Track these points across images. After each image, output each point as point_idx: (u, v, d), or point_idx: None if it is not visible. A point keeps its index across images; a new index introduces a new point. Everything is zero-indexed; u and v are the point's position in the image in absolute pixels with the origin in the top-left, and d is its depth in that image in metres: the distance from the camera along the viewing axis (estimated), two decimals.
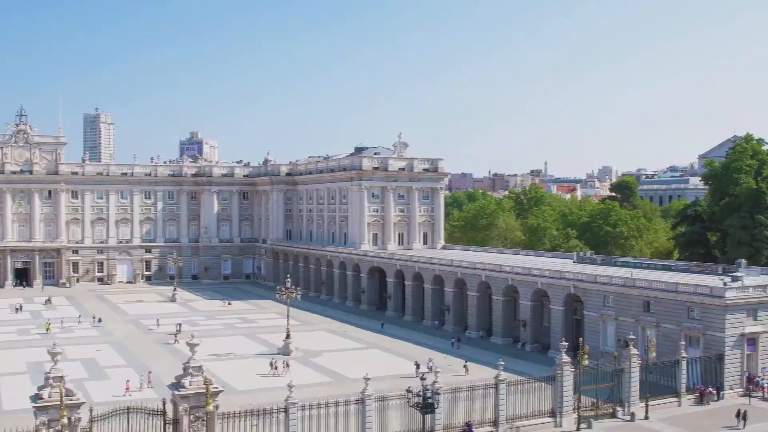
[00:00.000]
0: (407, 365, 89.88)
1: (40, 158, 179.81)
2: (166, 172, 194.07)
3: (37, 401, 48.98)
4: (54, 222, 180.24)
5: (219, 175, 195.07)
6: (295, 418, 55.34)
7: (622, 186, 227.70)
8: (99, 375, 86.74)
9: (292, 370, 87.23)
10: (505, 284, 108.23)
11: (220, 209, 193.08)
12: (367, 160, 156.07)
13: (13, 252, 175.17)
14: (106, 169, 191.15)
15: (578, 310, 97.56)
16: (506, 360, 73.47)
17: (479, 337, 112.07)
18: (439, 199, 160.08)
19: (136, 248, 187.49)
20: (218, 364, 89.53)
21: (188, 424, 52.47)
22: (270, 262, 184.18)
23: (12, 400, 72.93)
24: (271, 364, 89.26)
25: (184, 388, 52.67)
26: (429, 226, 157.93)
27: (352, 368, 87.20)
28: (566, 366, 64.58)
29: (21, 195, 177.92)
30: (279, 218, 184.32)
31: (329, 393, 71.76)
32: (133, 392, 75.99)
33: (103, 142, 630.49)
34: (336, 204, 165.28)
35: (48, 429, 48.57)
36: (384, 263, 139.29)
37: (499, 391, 62.55)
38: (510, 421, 63.06)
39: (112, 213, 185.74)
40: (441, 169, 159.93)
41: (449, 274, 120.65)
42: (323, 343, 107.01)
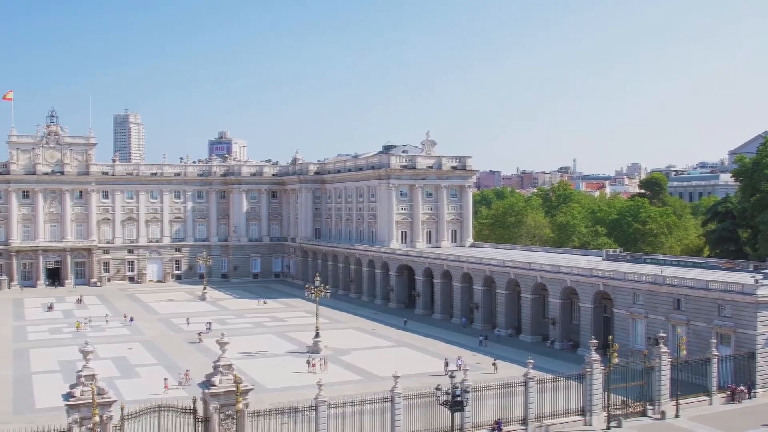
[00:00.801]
0: (436, 363, 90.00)
1: (71, 159, 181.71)
2: (196, 171, 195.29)
3: (70, 399, 49.53)
4: (85, 222, 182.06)
5: (248, 175, 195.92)
6: (325, 416, 55.53)
7: (651, 183, 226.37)
8: (130, 373, 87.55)
9: (321, 369, 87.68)
10: (534, 282, 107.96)
11: (249, 208, 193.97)
12: (395, 159, 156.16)
13: (45, 252, 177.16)
14: (136, 169, 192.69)
15: (608, 307, 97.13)
16: (535, 358, 73.34)
17: (508, 335, 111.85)
18: (467, 197, 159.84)
19: (166, 247, 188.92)
20: (248, 362, 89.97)
21: (218, 422, 52.83)
22: (299, 261, 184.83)
23: (45, 398, 73.79)
24: (308, 361, 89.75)
25: (214, 387, 53.03)
26: (457, 224, 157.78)
27: (381, 366, 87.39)
28: (596, 364, 64.28)
29: (52, 195, 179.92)
30: (308, 217, 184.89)
31: (358, 391, 71.93)
32: (170, 390, 76.61)
33: (133, 142, 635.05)
34: (364, 202, 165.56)
35: (80, 427, 49.10)
36: (412, 261, 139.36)
37: (529, 389, 62.39)
38: (539, 419, 62.90)
39: (142, 213, 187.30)
40: (469, 166, 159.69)
41: (478, 272, 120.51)
42: (352, 342, 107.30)
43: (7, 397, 76.24)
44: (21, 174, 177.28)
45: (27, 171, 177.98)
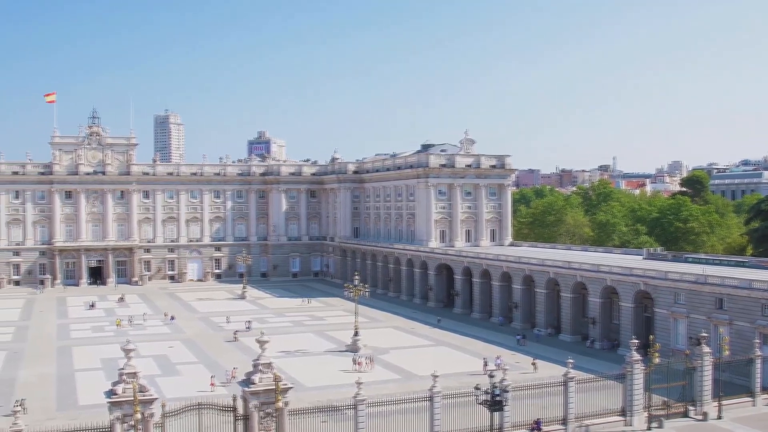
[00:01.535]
0: (475, 362, 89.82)
1: (112, 159, 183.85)
2: (235, 171, 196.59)
3: (112, 397, 50.10)
4: (126, 221, 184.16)
5: (287, 174, 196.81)
6: (364, 414, 55.61)
7: (692, 181, 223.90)
8: (171, 371, 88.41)
9: (367, 367, 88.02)
10: (574, 281, 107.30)
11: (288, 208, 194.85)
12: (433, 158, 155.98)
13: (87, 251, 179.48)
14: (176, 169, 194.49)
15: (648, 307, 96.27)
16: (575, 357, 72.83)
17: (547, 335, 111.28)
18: (506, 196, 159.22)
19: (207, 247, 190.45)
20: (287, 361, 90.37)
21: (258, 420, 53.11)
22: (338, 260, 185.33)
23: (87, 395, 74.77)
24: (354, 360, 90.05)
25: (254, 385, 53.32)
26: (496, 223, 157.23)
27: (420, 365, 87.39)
28: (636, 364, 63.67)
29: (94, 195, 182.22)
30: (346, 216, 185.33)
31: (397, 390, 72.10)
32: (217, 387, 77.25)
33: (173, 142, 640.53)
34: (403, 201, 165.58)
35: (122, 424, 49.65)
36: (451, 260, 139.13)
37: (568, 388, 61.99)
38: (579, 419, 62.47)
39: (182, 212, 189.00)
40: (508, 165, 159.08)
41: (517, 271, 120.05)
42: (391, 341, 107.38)
43: (51, 394, 77.35)
44: (64, 174, 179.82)
45: (69, 171, 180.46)
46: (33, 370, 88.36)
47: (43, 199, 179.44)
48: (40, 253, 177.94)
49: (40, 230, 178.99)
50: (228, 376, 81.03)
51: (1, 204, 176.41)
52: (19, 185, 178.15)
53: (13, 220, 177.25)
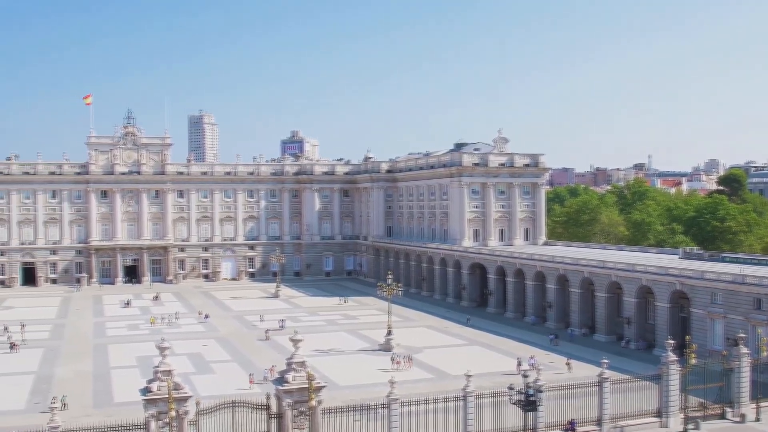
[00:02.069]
0: (508, 362, 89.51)
1: (147, 159, 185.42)
2: (269, 170, 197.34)
3: (147, 394, 50.50)
4: (161, 221, 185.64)
5: (320, 174, 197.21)
6: (397, 413, 55.56)
7: (730, 179, 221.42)
8: (205, 369, 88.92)
9: (406, 366, 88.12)
10: (609, 281, 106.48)
11: (321, 207, 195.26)
12: (467, 157, 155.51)
13: (122, 250, 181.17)
14: (210, 168, 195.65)
15: (685, 307, 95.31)
16: (610, 358, 72.37)
17: (582, 335, 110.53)
18: (540, 195, 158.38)
19: (240, 246, 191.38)
20: (321, 359, 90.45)
21: (292, 418, 53.25)
22: (371, 259, 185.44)
23: (123, 392, 75.49)
24: (393, 359, 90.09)
25: (287, 383, 53.47)
26: (530, 222, 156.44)
27: (453, 365, 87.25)
28: (672, 364, 63.06)
29: (130, 195, 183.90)
30: (379, 215, 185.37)
31: (430, 389, 71.98)
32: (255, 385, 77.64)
33: (207, 142, 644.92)
34: (436, 200, 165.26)
35: (157, 421, 50.03)
36: (485, 259, 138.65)
37: (603, 389, 61.51)
38: (614, 420, 61.96)
39: (216, 211, 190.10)
40: (542, 164, 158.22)
41: (551, 271, 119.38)
42: (424, 340, 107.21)
43: (88, 391, 78.13)
44: (100, 174, 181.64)
45: (105, 171, 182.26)
46: (70, 368, 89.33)
47: (79, 199, 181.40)
48: (77, 252, 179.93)
49: (77, 229, 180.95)
50: (266, 374, 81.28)
51: (39, 204, 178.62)
52: (56, 185, 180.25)
53: (51, 220, 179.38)
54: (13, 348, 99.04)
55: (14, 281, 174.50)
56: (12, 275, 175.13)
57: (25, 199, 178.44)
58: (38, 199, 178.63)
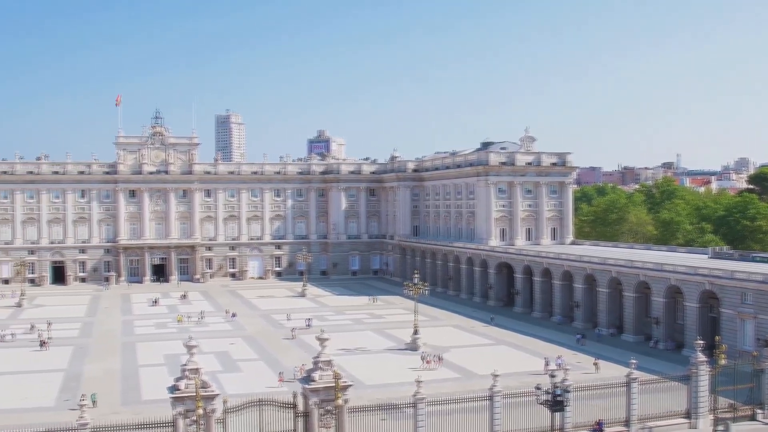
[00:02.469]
0: (535, 362, 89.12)
1: (175, 159, 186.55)
2: (295, 170, 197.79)
3: (174, 392, 50.80)
4: (188, 220, 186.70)
5: (346, 173, 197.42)
6: (424, 413, 55.50)
7: (760, 177, 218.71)
8: (232, 368, 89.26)
9: (436, 365, 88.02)
10: (637, 280, 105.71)
11: (347, 206, 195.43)
12: (493, 155, 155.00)
13: (150, 249, 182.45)
14: (237, 168, 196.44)
15: (714, 307, 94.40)
16: (638, 358, 71.87)
17: (609, 335, 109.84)
18: (567, 194, 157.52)
19: (267, 245, 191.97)
20: (347, 358, 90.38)
21: (318, 417, 53.34)
22: (397, 258, 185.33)
23: (151, 390, 75.99)
24: (423, 357, 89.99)
25: (314, 382, 53.56)
26: (557, 221, 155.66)
27: (480, 364, 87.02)
28: (702, 365, 62.49)
29: (158, 194, 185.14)
30: (406, 214, 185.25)
31: (457, 389, 71.88)
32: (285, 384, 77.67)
33: (234, 141, 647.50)
34: (463, 199, 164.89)
35: (185, 419, 50.31)
36: (512, 259, 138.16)
37: (631, 389, 61.09)
38: (642, 421, 61.50)
39: (243, 211, 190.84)
40: (569, 163, 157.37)
41: (578, 270, 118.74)
42: (451, 339, 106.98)
43: (116, 389, 78.67)
44: (128, 174, 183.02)
45: (134, 171, 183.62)
46: (98, 365, 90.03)
47: (108, 198, 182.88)
48: (105, 250, 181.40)
49: (105, 228, 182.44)
50: (296, 373, 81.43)
51: (68, 203, 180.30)
52: (85, 184, 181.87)
53: (80, 219, 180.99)
54: (43, 345, 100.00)
55: (44, 280, 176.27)
56: (42, 274, 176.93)
57: (54, 199, 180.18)
58: (68, 199, 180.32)
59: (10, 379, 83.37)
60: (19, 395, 75.58)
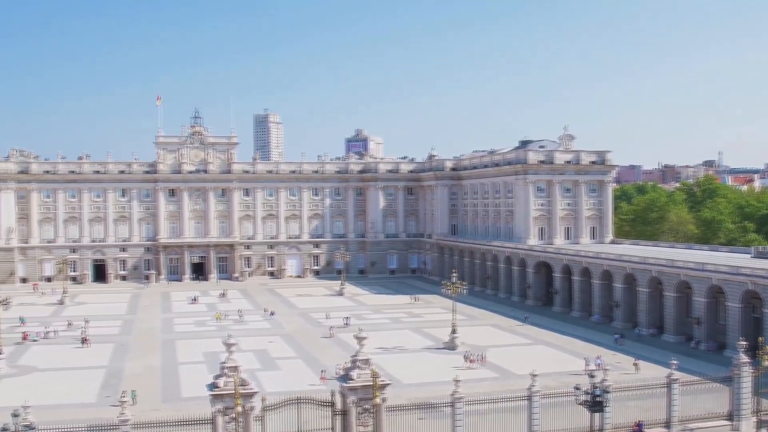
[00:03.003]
0: (574, 362, 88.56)
1: (214, 158, 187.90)
2: (334, 169, 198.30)
3: (214, 389, 51.19)
4: (227, 219, 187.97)
5: (384, 171, 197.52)
6: (462, 412, 55.38)
7: None
8: (270, 366, 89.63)
9: (479, 364, 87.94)
10: (678, 280, 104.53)
11: (385, 205, 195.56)
12: (532, 154, 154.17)
13: (190, 247, 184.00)
14: (276, 167, 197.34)
15: (757, 307, 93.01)
16: (678, 358, 71.13)
17: (650, 335, 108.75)
18: (606, 192, 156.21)
19: (305, 243, 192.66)
20: (385, 357, 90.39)
21: (356, 415, 53.40)
22: (435, 257, 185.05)
23: (190, 387, 76.56)
24: (466, 357, 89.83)
25: (352, 381, 53.65)
26: (597, 220, 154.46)
27: (518, 364, 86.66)
28: (744, 366, 61.62)
29: (197, 193, 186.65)
30: (444, 213, 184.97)
31: (495, 388, 71.68)
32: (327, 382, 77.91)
33: (272, 140, 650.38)
34: (501, 198, 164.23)
35: (223, 416, 50.67)
36: (550, 258, 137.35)
37: (672, 390, 60.44)
38: (683, 422, 60.82)
39: (282, 209, 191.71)
40: (609, 161, 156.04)
41: (618, 269, 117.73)
42: (489, 338, 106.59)
43: (156, 386, 79.39)
44: (168, 173, 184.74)
45: (173, 170, 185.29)
46: (139, 362, 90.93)
47: (148, 197, 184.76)
48: (146, 249, 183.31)
49: (146, 227, 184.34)
50: (338, 371, 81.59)
51: (109, 202, 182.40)
52: (126, 184, 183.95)
53: (120, 218, 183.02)
54: (84, 343, 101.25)
55: (86, 278, 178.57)
56: (83, 272, 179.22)
57: (96, 198, 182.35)
58: (108, 198, 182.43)
59: (53, 376, 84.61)
60: (61, 391, 76.63)
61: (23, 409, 46.91)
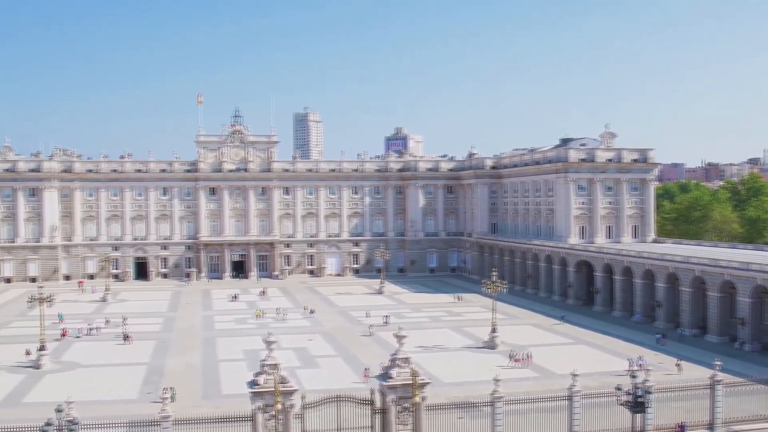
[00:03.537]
0: (615, 362, 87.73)
1: (254, 157, 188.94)
2: (373, 167, 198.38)
3: (254, 387, 51.44)
4: (267, 217, 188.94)
5: (424, 170, 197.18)
6: (501, 412, 55.10)
7: None
8: (310, 364, 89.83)
9: (525, 363, 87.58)
10: (721, 280, 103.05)
11: (425, 203, 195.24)
12: (573, 152, 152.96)
13: (230, 246, 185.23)
14: (315, 165, 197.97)
15: None
16: (722, 359, 70.10)
17: (692, 335, 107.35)
18: (648, 191, 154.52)
19: (345, 242, 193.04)
20: (425, 356, 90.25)
21: (395, 414, 53.38)
22: (475, 256, 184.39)
23: (230, 384, 77.03)
24: (511, 356, 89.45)
25: (391, 379, 53.64)
26: (638, 219, 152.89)
27: (558, 363, 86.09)
28: None
29: (237, 192, 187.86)
30: (484, 211, 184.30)
31: (535, 388, 71.19)
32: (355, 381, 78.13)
33: (312, 139, 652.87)
34: (541, 197, 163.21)
35: (263, 414, 50.90)
36: (592, 257, 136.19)
37: (716, 392, 59.58)
38: (726, 424, 59.93)
39: (321, 208, 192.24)
40: (651, 159, 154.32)
41: (660, 269, 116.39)
42: (529, 338, 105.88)
43: (197, 383, 79.95)
44: (208, 172, 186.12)
45: (214, 169, 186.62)
46: (180, 360, 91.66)
47: (189, 196, 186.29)
48: (187, 247, 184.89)
49: (187, 225, 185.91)
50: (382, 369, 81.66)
51: (151, 200, 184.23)
52: (167, 182, 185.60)
53: (162, 216, 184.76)
54: (126, 339, 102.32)
55: (127, 275, 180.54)
56: (125, 269, 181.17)
57: (137, 196, 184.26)
58: (150, 196, 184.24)
59: (96, 372, 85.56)
60: (103, 387, 77.54)
61: (66, 404, 47.49)
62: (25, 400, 72.90)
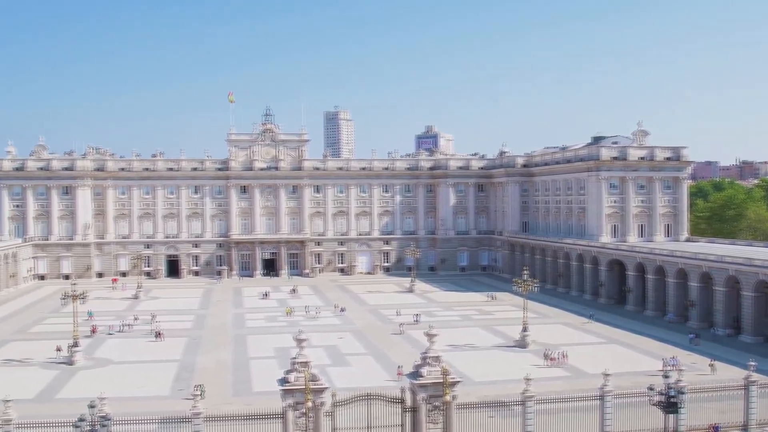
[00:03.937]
0: (647, 361, 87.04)
1: (285, 155, 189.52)
2: (404, 165, 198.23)
3: (284, 384, 51.55)
4: (298, 215, 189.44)
5: (455, 168, 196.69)
6: (532, 411, 54.82)
7: None
8: (341, 362, 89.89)
9: (562, 362, 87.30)
10: (756, 279, 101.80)
11: (456, 201, 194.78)
12: (605, 150, 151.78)
13: (261, 244, 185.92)
14: (346, 164, 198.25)
15: None
16: (757, 360, 69.36)
17: (726, 335, 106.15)
18: (681, 189, 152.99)
19: (376, 240, 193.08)
20: (455, 354, 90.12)
21: (426, 413, 53.26)
22: (506, 254, 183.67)
23: (261, 382, 77.33)
24: (546, 355, 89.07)
25: (422, 378, 53.54)
26: (671, 218, 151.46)
27: (590, 363, 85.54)
28: None
29: (268, 190, 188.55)
30: (515, 210, 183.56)
31: (566, 388, 70.82)
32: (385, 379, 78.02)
33: (343, 138, 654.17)
34: (573, 195, 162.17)
35: (294, 411, 50.99)
36: (624, 256, 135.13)
37: (750, 392, 58.85)
38: (761, 425, 59.17)
39: (352, 206, 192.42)
40: (684, 157, 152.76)
41: (694, 268, 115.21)
42: (560, 337, 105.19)
43: (228, 381, 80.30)
44: (239, 170, 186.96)
45: (245, 167, 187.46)
46: (211, 357, 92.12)
47: (220, 194, 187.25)
48: (218, 245, 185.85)
49: (218, 223, 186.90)
50: (413, 367, 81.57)
51: (182, 198, 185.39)
52: (199, 180, 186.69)
53: (193, 214, 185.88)
54: (158, 336, 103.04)
55: (159, 273, 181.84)
56: (158, 267, 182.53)
57: (169, 195, 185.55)
58: (182, 195, 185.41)
59: (128, 368, 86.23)
60: (136, 383, 78.15)
61: (99, 400, 47.93)
62: (59, 396, 73.68)
